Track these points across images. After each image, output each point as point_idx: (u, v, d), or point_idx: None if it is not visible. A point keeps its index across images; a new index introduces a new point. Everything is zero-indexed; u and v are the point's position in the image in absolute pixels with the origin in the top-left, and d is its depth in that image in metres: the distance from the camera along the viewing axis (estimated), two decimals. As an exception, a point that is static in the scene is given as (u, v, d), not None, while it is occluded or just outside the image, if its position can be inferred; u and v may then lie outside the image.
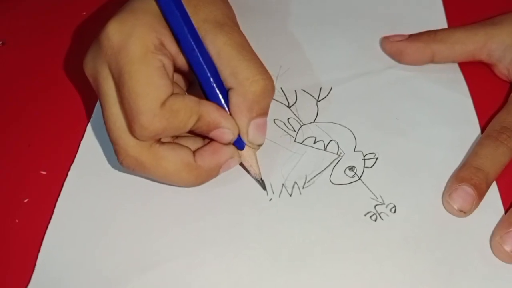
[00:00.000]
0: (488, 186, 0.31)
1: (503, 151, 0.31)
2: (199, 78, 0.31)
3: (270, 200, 0.32)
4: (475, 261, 0.30)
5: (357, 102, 0.37)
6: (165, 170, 0.30)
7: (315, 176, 0.33)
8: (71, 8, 0.44)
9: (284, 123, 0.36)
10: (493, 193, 0.32)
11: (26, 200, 0.34)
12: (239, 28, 0.32)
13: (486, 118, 0.35)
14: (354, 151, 0.34)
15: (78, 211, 0.33)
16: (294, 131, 0.36)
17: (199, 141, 0.33)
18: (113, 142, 0.30)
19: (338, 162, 0.34)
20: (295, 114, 0.37)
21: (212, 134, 0.31)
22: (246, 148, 0.32)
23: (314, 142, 0.35)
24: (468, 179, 0.31)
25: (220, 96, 0.31)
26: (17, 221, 0.33)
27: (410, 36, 0.38)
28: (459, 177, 0.31)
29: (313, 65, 0.39)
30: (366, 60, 0.39)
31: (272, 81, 0.31)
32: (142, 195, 0.33)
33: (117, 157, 0.31)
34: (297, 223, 0.31)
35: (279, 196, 0.33)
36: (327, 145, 0.35)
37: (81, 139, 0.36)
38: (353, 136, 0.35)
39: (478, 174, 0.31)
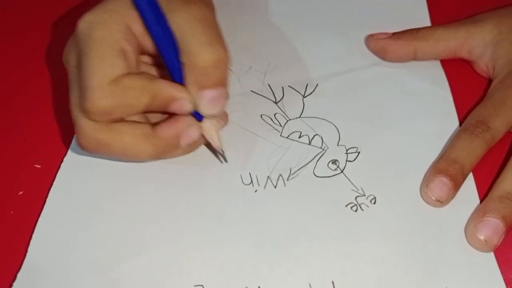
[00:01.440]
0: (464, 177, 0.32)
1: (479, 143, 0.32)
2: (162, 55, 0.31)
3: (255, 191, 0.34)
4: (452, 250, 0.31)
5: (342, 98, 0.38)
6: (124, 144, 0.31)
7: (300, 169, 0.35)
8: (69, 6, 0.45)
9: (271, 118, 0.37)
10: (470, 185, 0.33)
11: (20, 193, 0.35)
12: (204, 5, 0.31)
13: (465, 113, 0.36)
14: (338, 145, 0.36)
15: (69, 201, 0.34)
16: (281, 126, 0.37)
17: (162, 117, 0.33)
18: (74, 124, 0.31)
19: (322, 155, 0.35)
20: (281, 110, 0.38)
21: (171, 109, 0.31)
22: (205, 120, 0.32)
23: (299, 137, 0.36)
24: (445, 170, 0.32)
25: (180, 69, 0.31)
26: (11, 212, 0.34)
27: (394, 34, 0.39)
28: (436, 168, 0.32)
29: (300, 62, 0.40)
30: (351, 58, 0.40)
31: (225, 52, 0.31)
32: (131, 186, 0.34)
33: (77, 140, 0.31)
34: (282, 214, 0.33)
35: (265, 187, 0.34)
36: (311, 140, 0.36)
37: (74, 133, 0.37)
38: (337, 131, 0.36)
39: (454, 166, 0.32)
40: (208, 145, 0.35)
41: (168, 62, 0.31)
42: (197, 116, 0.32)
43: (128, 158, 0.33)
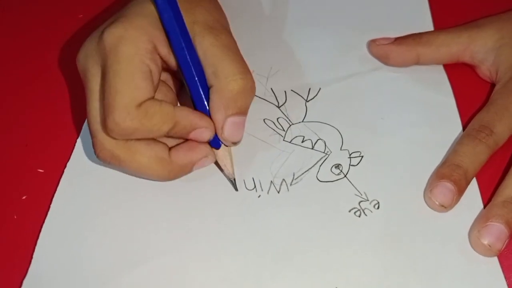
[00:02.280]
0: (467, 182, 0.32)
1: (482, 149, 0.32)
2: (185, 76, 0.32)
3: (259, 196, 0.34)
4: (456, 255, 0.31)
5: (345, 102, 0.38)
6: (139, 164, 0.31)
7: (303, 173, 0.35)
8: (68, 10, 0.45)
9: (273, 123, 0.37)
10: (473, 190, 0.33)
11: (24, 197, 0.35)
12: (228, 32, 0.33)
13: (468, 117, 0.36)
14: (341, 149, 0.36)
15: (73, 208, 0.34)
16: (283, 130, 0.37)
17: (177, 140, 0.34)
18: (92, 135, 0.32)
19: (325, 160, 0.35)
20: (284, 114, 0.38)
21: (191, 136, 0.32)
22: (221, 148, 0.33)
23: (302, 141, 0.36)
24: (448, 175, 0.32)
25: (202, 93, 0.32)
26: (15, 217, 0.34)
27: (396, 39, 0.39)
28: (439, 173, 0.32)
29: (302, 67, 0.40)
30: (353, 62, 0.40)
31: (252, 82, 0.32)
32: (135, 193, 0.34)
33: (94, 150, 0.32)
34: (285, 219, 0.33)
35: (268, 192, 0.34)
36: (314, 144, 0.36)
37: (77, 138, 0.37)
38: (340, 135, 0.36)
39: (457, 171, 0.32)
40: (219, 166, 0.35)
41: (191, 86, 0.32)
42: (214, 144, 0.33)
43: (141, 177, 0.33)
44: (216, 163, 0.34)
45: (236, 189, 0.34)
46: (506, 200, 0.31)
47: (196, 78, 0.32)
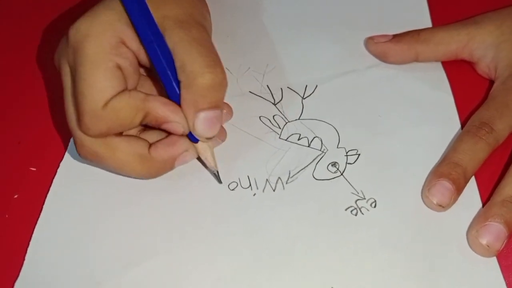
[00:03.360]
0: (466, 181, 0.32)
1: (482, 146, 0.32)
2: (158, 72, 0.31)
3: (254, 195, 0.33)
4: (454, 255, 0.30)
5: (341, 99, 0.38)
6: (118, 161, 0.31)
7: (299, 171, 0.34)
8: (60, 6, 0.45)
9: (269, 120, 0.37)
10: (472, 189, 0.32)
11: (16, 196, 0.34)
12: (200, 25, 0.32)
13: (466, 115, 0.35)
14: (337, 147, 0.35)
15: (66, 208, 0.33)
16: (279, 128, 0.36)
17: (162, 134, 0.33)
18: (71, 132, 0.32)
19: (321, 158, 0.35)
20: (280, 111, 0.37)
21: (163, 127, 0.32)
22: (200, 141, 0.33)
23: (299, 139, 0.36)
24: (447, 174, 0.31)
25: (176, 87, 0.31)
26: (7, 216, 0.34)
27: (394, 36, 0.39)
28: (438, 172, 0.32)
29: (299, 64, 0.40)
30: (350, 59, 0.40)
31: (222, 75, 0.31)
32: (128, 193, 0.34)
33: (75, 148, 0.32)
34: (280, 217, 0.32)
35: (263, 191, 0.33)
36: (311, 142, 0.36)
37: (70, 137, 0.36)
38: (336, 133, 0.36)
39: (456, 169, 0.31)
40: (202, 161, 0.34)
41: (164, 80, 0.31)
42: (192, 138, 0.32)
43: (121, 174, 0.33)
44: (199, 159, 0.34)
45: (220, 182, 0.34)
46: (505, 199, 0.30)
47: (168, 72, 0.31)
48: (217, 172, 0.33)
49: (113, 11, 0.30)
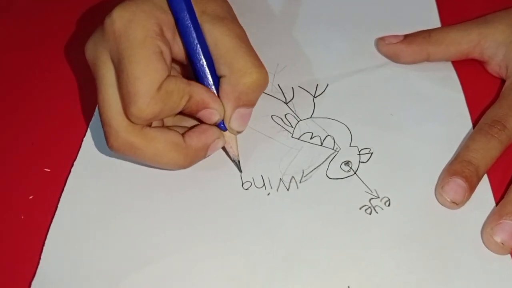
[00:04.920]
0: (479, 179, 0.32)
1: (494, 144, 0.32)
2: (194, 63, 0.32)
3: (268, 194, 0.33)
4: (468, 253, 0.30)
5: (353, 98, 0.38)
6: (155, 150, 0.31)
7: (312, 170, 0.34)
8: (72, 5, 0.45)
9: (281, 119, 0.37)
10: (485, 187, 0.33)
11: (31, 197, 0.34)
12: (238, 23, 0.33)
13: (478, 113, 0.36)
14: (350, 146, 0.35)
15: (80, 208, 0.33)
16: (292, 126, 0.37)
17: (185, 128, 0.34)
18: (105, 124, 0.31)
19: (334, 157, 0.35)
20: (292, 110, 0.38)
21: (200, 114, 0.32)
22: (227, 130, 0.34)
23: (311, 138, 0.36)
24: (460, 172, 0.32)
25: (211, 81, 0.32)
26: (22, 217, 0.34)
27: (405, 37, 0.39)
28: (451, 170, 0.32)
29: (310, 63, 0.40)
30: (361, 58, 0.40)
31: (266, 76, 0.32)
32: (143, 192, 0.34)
33: (107, 140, 0.31)
34: (294, 217, 0.32)
35: (277, 190, 0.34)
36: (323, 141, 0.36)
37: (83, 137, 0.37)
38: (349, 131, 0.36)
39: (469, 167, 0.32)
40: (224, 149, 0.35)
41: (199, 71, 0.32)
42: (222, 127, 0.33)
43: (157, 164, 0.33)
44: (222, 148, 0.35)
45: (241, 171, 0.34)
46: (519, 197, 0.31)
47: (205, 65, 0.31)
48: (239, 161, 0.34)
49: (152, 1, 0.31)
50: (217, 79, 0.32)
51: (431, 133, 0.35)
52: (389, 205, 0.32)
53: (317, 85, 0.39)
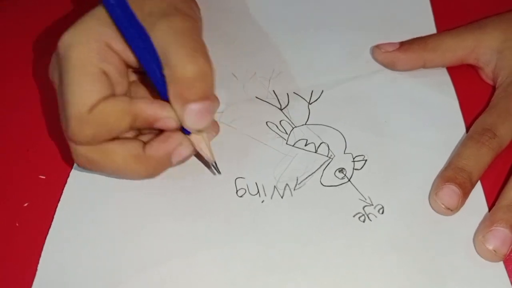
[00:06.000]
0: (472, 185, 0.32)
1: (485, 151, 0.32)
2: (145, 70, 0.31)
3: (262, 201, 0.34)
4: (461, 259, 0.31)
5: (347, 105, 0.38)
6: (114, 164, 0.31)
7: (306, 178, 0.34)
8: (67, 11, 0.45)
9: (276, 126, 0.37)
10: (478, 193, 0.33)
11: (26, 204, 0.35)
12: (185, 15, 0.31)
13: (472, 119, 0.36)
14: (344, 153, 0.35)
15: (78, 214, 0.34)
16: (286, 133, 0.37)
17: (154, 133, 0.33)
18: (68, 141, 0.31)
19: (328, 164, 0.35)
20: (287, 117, 0.38)
21: (156, 127, 0.31)
22: (193, 133, 0.32)
23: (305, 145, 0.36)
24: (453, 178, 0.32)
25: (164, 82, 0.30)
26: (17, 224, 0.34)
27: (401, 45, 0.39)
28: (444, 176, 0.32)
29: (304, 69, 0.40)
30: (356, 64, 0.40)
31: (207, 63, 0.30)
32: (141, 199, 0.34)
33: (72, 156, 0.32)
34: (289, 224, 0.32)
35: (271, 197, 0.34)
36: (318, 148, 0.36)
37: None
38: (343, 138, 0.36)
39: (462, 174, 0.32)
40: (200, 156, 0.34)
41: (152, 77, 0.31)
42: (185, 130, 0.32)
43: (119, 177, 0.33)
44: (198, 155, 0.34)
45: (219, 172, 0.34)
46: (511, 203, 0.31)
47: (156, 69, 0.30)
48: (215, 163, 0.33)
49: (97, 19, 0.30)
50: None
51: (425, 140, 0.35)
52: (382, 213, 0.33)
53: (312, 91, 0.39)
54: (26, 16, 0.46)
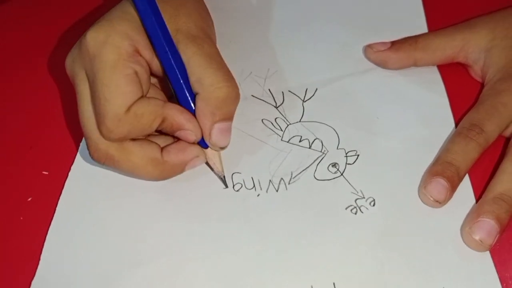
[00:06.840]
0: (460, 179, 0.33)
1: (473, 146, 0.33)
2: (171, 82, 0.33)
3: (258, 195, 0.35)
4: (450, 250, 0.32)
5: (341, 102, 0.39)
6: (132, 164, 0.33)
7: (300, 172, 0.36)
8: (68, 10, 0.46)
9: (271, 123, 0.38)
10: (466, 186, 0.34)
11: (29, 199, 0.36)
12: (211, 40, 0.34)
13: (461, 116, 0.37)
14: (337, 148, 0.37)
15: (78, 210, 0.35)
16: (281, 130, 0.38)
17: (169, 139, 0.35)
18: (86, 136, 0.33)
19: (322, 159, 0.36)
20: (282, 114, 0.39)
21: (177, 134, 0.33)
22: (209, 147, 0.34)
23: (300, 141, 0.37)
24: (441, 172, 0.33)
25: (190, 99, 0.33)
26: (21, 218, 0.35)
27: (393, 44, 0.40)
28: (433, 171, 0.33)
29: (299, 68, 0.41)
30: (349, 62, 0.41)
31: (237, 89, 0.33)
32: (139, 195, 0.35)
33: (88, 151, 0.33)
34: (283, 217, 0.34)
35: (267, 191, 0.35)
36: (311, 143, 0.37)
37: (81, 141, 0.38)
38: (336, 134, 0.37)
39: (450, 168, 0.33)
40: (209, 165, 0.36)
41: (177, 89, 0.33)
42: (203, 144, 0.34)
43: (133, 176, 0.35)
44: (206, 162, 0.35)
45: (226, 186, 0.35)
46: (496, 196, 0.32)
47: (182, 81, 0.33)
48: (224, 176, 0.35)
49: (129, 22, 0.32)
50: (194, 97, 0.33)
51: (415, 136, 0.37)
52: (374, 205, 0.34)
53: (307, 89, 0.40)
54: (28, 13, 0.47)
